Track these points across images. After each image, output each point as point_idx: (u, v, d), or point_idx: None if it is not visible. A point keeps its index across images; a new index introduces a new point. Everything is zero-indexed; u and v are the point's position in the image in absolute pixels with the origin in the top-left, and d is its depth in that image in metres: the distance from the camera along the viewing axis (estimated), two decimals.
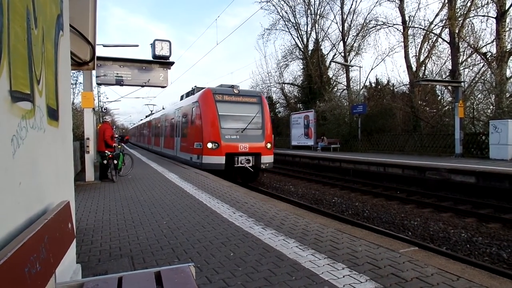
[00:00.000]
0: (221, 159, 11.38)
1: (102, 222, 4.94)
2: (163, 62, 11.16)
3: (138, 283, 1.77)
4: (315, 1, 31.09)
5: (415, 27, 23.65)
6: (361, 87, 26.52)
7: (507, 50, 18.01)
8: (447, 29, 20.90)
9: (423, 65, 23.81)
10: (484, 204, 8.42)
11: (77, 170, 11.31)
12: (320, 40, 32.20)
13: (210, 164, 11.46)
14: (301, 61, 34.01)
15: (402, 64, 28.24)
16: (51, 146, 1.97)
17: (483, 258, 5.37)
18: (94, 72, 9.75)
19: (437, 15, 22.51)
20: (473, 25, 20.50)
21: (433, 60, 23.36)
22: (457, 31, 20.16)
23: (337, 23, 31.47)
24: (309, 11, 31.88)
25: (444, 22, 21.42)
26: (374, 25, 26.26)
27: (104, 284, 1.75)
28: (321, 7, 31.07)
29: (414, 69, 23.62)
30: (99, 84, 11.88)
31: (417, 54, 23.81)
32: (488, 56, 19.37)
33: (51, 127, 1.95)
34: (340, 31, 30.36)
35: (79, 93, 18.83)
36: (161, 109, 26.96)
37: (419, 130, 21.03)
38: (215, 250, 3.59)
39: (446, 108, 21.43)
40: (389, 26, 25.25)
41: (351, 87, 28.80)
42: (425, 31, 23.00)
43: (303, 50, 33.05)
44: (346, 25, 29.84)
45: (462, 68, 20.29)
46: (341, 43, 30.60)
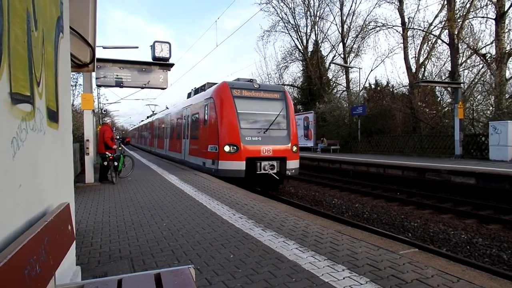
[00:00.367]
0: (241, 165, 9.75)
1: (102, 224, 4.93)
2: (163, 63, 11.17)
3: (138, 285, 1.77)
4: (314, 3, 31.26)
5: (415, 29, 23.75)
6: (360, 88, 26.57)
7: (507, 51, 18.05)
8: (447, 31, 20.91)
9: (423, 67, 23.88)
10: (484, 205, 8.42)
11: (77, 172, 11.30)
12: (319, 42, 32.33)
13: (227, 170, 9.86)
14: (300, 62, 34.09)
15: (402, 65, 28.46)
16: (51, 148, 1.97)
17: (483, 260, 5.36)
18: (94, 74, 9.78)
19: (436, 16, 22.65)
20: (472, 26, 20.59)
21: (433, 62, 23.46)
22: (456, 32, 20.19)
23: (336, 24, 31.60)
24: (308, 12, 32.01)
25: (443, 23, 21.48)
26: (374, 26, 26.42)
27: (104, 286, 1.74)
28: (321, 9, 31.25)
29: (414, 70, 23.66)
30: (99, 86, 11.86)
31: (417, 56, 23.90)
32: (487, 57, 19.41)
33: (51, 129, 1.95)
34: (339, 32, 30.50)
35: (79, 94, 18.85)
36: (164, 109, 24.77)
37: (418, 131, 21.04)
38: (215, 252, 3.59)
39: (446, 109, 21.44)
40: (389, 28, 25.40)
41: (351, 88, 28.87)
42: (424, 32, 23.07)
43: (302, 51, 33.10)
44: (345, 26, 29.97)
45: (461, 69, 20.32)
46: (341, 44, 30.72)
